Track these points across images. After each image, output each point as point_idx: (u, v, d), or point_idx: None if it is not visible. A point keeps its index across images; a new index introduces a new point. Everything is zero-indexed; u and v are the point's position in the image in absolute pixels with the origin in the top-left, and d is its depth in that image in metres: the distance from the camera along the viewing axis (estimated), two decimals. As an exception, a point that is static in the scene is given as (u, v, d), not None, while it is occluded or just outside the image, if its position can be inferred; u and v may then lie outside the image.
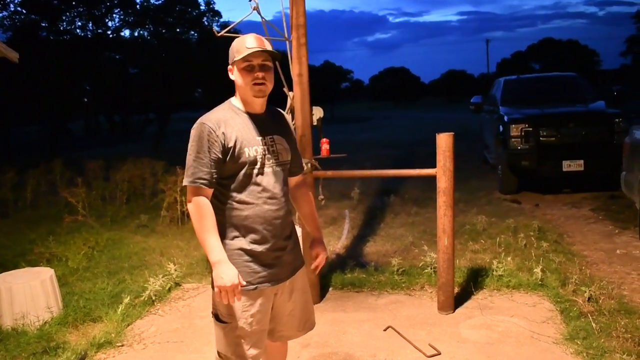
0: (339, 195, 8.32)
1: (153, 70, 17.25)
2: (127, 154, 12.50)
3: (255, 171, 2.13)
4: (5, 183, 8.78)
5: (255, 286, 2.16)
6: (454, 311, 3.87)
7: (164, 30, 18.70)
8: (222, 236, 2.15)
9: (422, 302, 4.12)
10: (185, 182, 2.12)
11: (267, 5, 3.36)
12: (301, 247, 2.51)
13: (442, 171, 3.61)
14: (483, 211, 7.02)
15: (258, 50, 2.08)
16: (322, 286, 4.33)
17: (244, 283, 2.08)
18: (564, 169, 7.76)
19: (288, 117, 2.47)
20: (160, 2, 18.28)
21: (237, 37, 2.23)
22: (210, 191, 2.12)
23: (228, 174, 2.13)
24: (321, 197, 4.12)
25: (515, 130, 8.01)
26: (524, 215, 6.94)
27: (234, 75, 2.17)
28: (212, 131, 2.08)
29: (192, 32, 19.14)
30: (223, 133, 2.08)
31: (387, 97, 63.04)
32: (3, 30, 16.63)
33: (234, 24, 3.05)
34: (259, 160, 2.13)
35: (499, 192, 8.46)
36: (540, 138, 7.90)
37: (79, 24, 17.58)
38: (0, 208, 8.36)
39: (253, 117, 2.18)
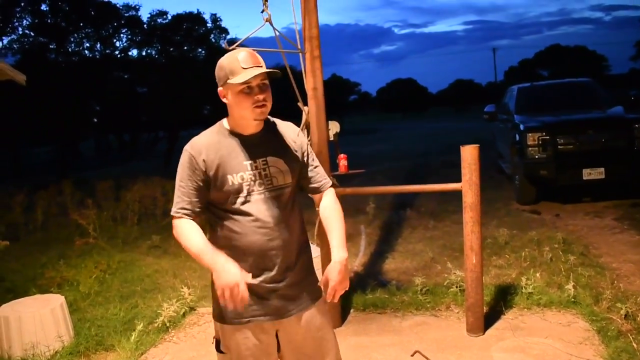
0: (353, 210, 8.14)
1: (161, 89, 17.24)
2: (137, 172, 12.43)
3: (241, 199, 1.95)
4: (15, 206, 8.70)
5: (247, 319, 1.99)
6: (483, 333, 3.66)
7: (171, 49, 18.74)
8: None
9: (449, 323, 3.91)
10: (171, 212, 2.00)
11: (277, 18, 3.23)
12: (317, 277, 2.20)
13: (468, 185, 3.43)
14: (503, 223, 6.82)
15: (257, 72, 1.88)
16: (343, 307, 4.15)
17: (250, 279, 1.87)
18: (584, 178, 7.54)
19: (292, 128, 2.18)
20: (167, 20, 18.36)
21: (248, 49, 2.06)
22: (194, 219, 1.98)
23: (216, 202, 1.99)
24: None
25: (532, 139, 7.81)
26: (545, 226, 6.73)
27: (229, 98, 1.95)
28: (193, 158, 1.94)
29: (200, 50, 19.17)
30: (204, 160, 1.93)
31: (395, 109, 63.00)
32: (12, 54, 16.75)
33: (245, 37, 2.92)
34: (245, 187, 1.95)
35: (516, 203, 8.24)
36: (558, 146, 7.69)
37: (87, 45, 17.66)
38: (10, 231, 8.25)
39: (244, 139, 1.99)
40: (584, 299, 4.04)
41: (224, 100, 1.98)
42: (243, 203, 1.95)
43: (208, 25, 18.65)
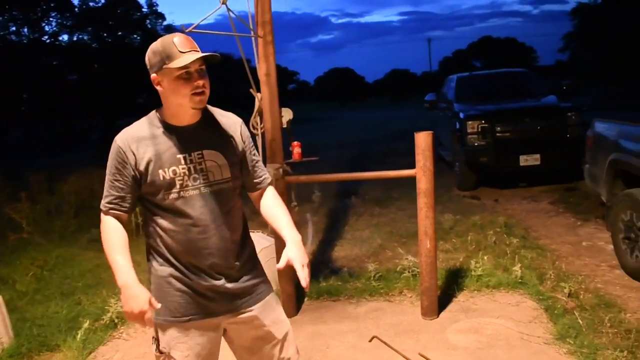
0: (298, 199, 8.09)
1: (94, 76, 16.57)
2: (70, 163, 11.92)
3: (173, 195, 1.84)
4: None
5: (188, 317, 1.92)
6: (438, 316, 3.74)
7: (105, 34, 18.00)
8: (153, 261, 1.96)
9: (403, 308, 3.97)
10: (102, 207, 1.90)
11: (230, 2, 3.09)
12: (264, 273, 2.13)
13: (422, 171, 3.47)
14: (446, 209, 6.99)
15: (197, 56, 1.76)
16: (297, 296, 4.12)
17: (157, 306, 1.78)
18: (521, 164, 7.82)
19: (233, 119, 2.04)
20: (100, 4, 17.60)
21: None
22: (124, 215, 1.90)
23: (148, 197, 1.88)
24: (294, 203, 3.93)
25: (472, 127, 8.02)
26: (486, 211, 6.94)
27: (163, 85, 1.81)
28: (122, 151, 1.83)
29: (135, 36, 18.52)
30: (133, 153, 1.82)
31: (333, 98, 63.35)
32: None
33: (202, 19, 2.82)
34: (178, 182, 1.84)
35: (457, 189, 8.46)
36: (497, 134, 7.93)
37: (13, 28, 16.67)
38: None
39: (178, 130, 1.86)
40: (530, 279, 4.19)
41: (158, 87, 1.84)
42: (176, 199, 1.85)
43: (144, 10, 18.09)
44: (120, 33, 18.27)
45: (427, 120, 12.37)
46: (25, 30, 17.05)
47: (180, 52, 1.75)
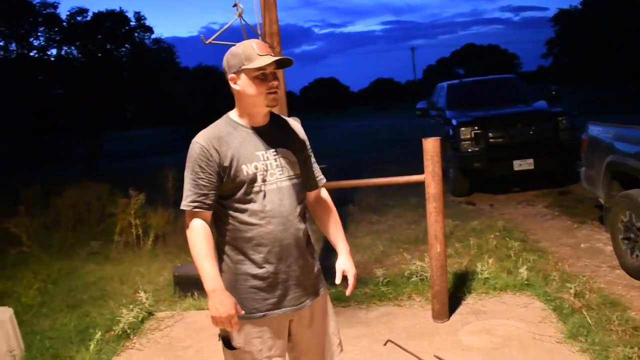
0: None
1: (80, 90, 16.47)
2: (59, 177, 11.84)
3: (256, 189, 1.96)
4: None
5: (263, 313, 2.00)
6: (449, 319, 3.80)
7: (93, 48, 17.94)
8: (227, 260, 2.01)
9: (414, 312, 4.02)
10: (181, 206, 1.96)
11: (234, 14, 3.19)
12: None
13: (431, 176, 3.54)
14: (444, 214, 7.06)
15: (275, 59, 1.93)
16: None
17: (242, 312, 1.93)
18: (515, 168, 7.95)
19: (296, 123, 2.25)
20: (87, 19, 17.55)
21: (228, 44, 2.06)
22: (207, 214, 1.96)
23: (227, 194, 1.97)
24: (304, 210, 3.96)
25: (464, 133, 8.14)
26: (484, 216, 7.04)
27: (241, 84, 1.96)
28: (205, 150, 1.92)
29: (123, 49, 18.48)
30: (217, 151, 1.92)
31: (318, 108, 63.54)
32: None
33: (221, 30, 2.87)
34: (260, 177, 1.96)
35: (451, 195, 8.55)
36: (490, 139, 8.06)
37: (1, 43, 16.54)
38: None
39: (254, 130, 2.01)
40: (536, 281, 4.28)
41: (235, 87, 1.98)
42: (257, 193, 1.95)
43: (132, 23, 18.04)
44: (108, 46, 18.21)
45: (412, 127, 12.51)
46: (14, 45, 16.97)
47: (259, 54, 1.91)
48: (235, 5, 3.04)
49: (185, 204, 1.94)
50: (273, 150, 2.01)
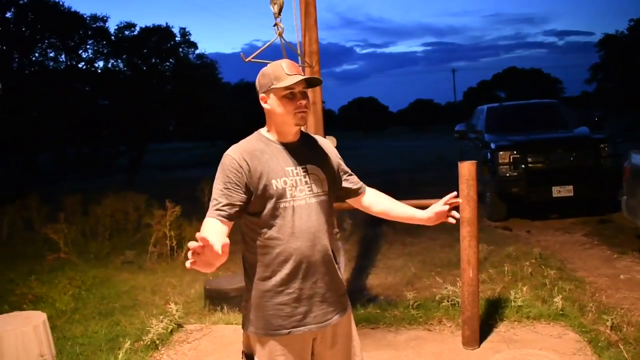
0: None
1: (125, 102, 16.93)
2: (101, 187, 12.13)
3: (284, 205, 1.95)
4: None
5: (288, 330, 1.98)
6: (479, 346, 3.71)
7: (139, 61, 18.47)
8: (254, 277, 2.00)
9: (443, 337, 3.95)
10: (207, 216, 1.93)
11: (273, 32, 3.22)
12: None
13: (466, 200, 3.49)
14: (479, 239, 6.93)
15: (301, 78, 1.95)
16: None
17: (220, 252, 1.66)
18: (554, 195, 7.78)
19: (327, 141, 2.28)
20: (135, 33, 18.10)
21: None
22: (225, 221, 1.91)
23: (256, 209, 1.97)
24: (336, 230, 3.95)
25: (503, 157, 8.02)
26: (520, 242, 6.89)
27: (270, 103, 2.00)
28: (235, 162, 1.93)
29: (167, 64, 18.96)
30: (248, 164, 1.93)
31: (356, 127, 63.59)
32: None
33: (261, 49, 2.91)
34: (288, 192, 1.96)
35: (488, 220, 8.41)
36: (529, 164, 7.93)
37: (52, 55, 17.22)
38: (-29, 247, 7.93)
39: (284, 146, 2.03)
40: (571, 311, 4.15)
41: (265, 106, 2.01)
42: (285, 208, 1.96)
43: (177, 39, 18.53)
44: (153, 60, 18.71)
45: (451, 150, 12.39)
46: (63, 56, 17.62)
47: (287, 74, 1.94)
48: (275, 24, 3.09)
49: (208, 214, 1.92)
50: (302, 167, 2.02)
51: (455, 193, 2.20)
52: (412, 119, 64.91)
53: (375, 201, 2.29)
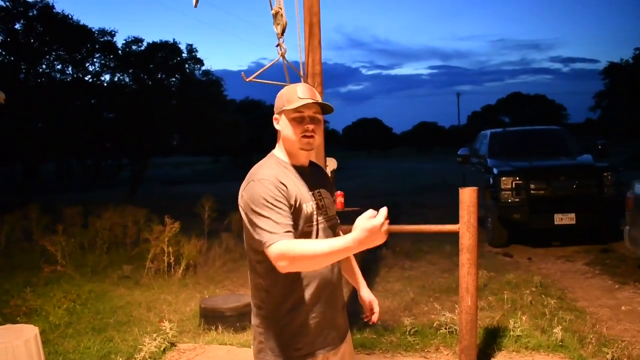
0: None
1: (129, 116, 17.01)
2: (102, 199, 12.12)
3: (310, 228, 1.95)
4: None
5: (311, 352, 1.96)
6: (476, 376, 3.64)
7: (145, 76, 18.57)
8: (273, 303, 1.93)
9: (439, 365, 3.88)
10: (268, 248, 1.75)
11: (276, 53, 3.22)
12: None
13: (466, 227, 3.45)
14: (479, 265, 6.85)
15: (311, 102, 1.93)
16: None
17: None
18: (556, 222, 7.73)
19: (322, 167, 2.30)
20: (142, 48, 18.23)
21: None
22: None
23: None
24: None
25: (505, 183, 7.99)
26: (520, 269, 6.83)
27: (281, 124, 1.99)
28: (275, 186, 1.84)
29: (173, 79, 19.07)
30: (285, 187, 1.88)
31: (360, 147, 63.73)
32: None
33: (262, 69, 2.91)
34: (314, 216, 1.96)
35: (489, 245, 8.35)
36: (531, 191, 7.89)
37: (59, 67, 17.32)
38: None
39: (300, 170, 2.01)
40: (570, 342, 4.08)
41: (277, 126, 2.01)
42: (311, 232, 1.95)
43: (183, 55, 18.65)
44: (159, 75, 18.82)
45: (455, 173, 12.37)
46: (70, 69, 17.73)
47: (299, 97, 1.93)
48: (278, 45, 3.09)
49: (275, 238, 1.75)
50: (317, 191, 2.03)
51: (372, 310, 2.34)
52: (416, 141, 65.02)
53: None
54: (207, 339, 4.54)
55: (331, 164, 3.88)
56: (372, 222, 1.58)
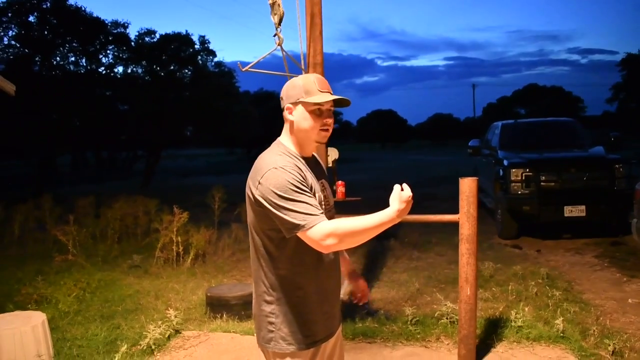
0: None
1: (144, 107, 17.11)
2: (115, 190, 12.25)
3: None
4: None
5: (314, 341, 1.98)
6: (475, 365, 3.66)
7: (157, 68, 18.67)
8: (286, 291, 1.94)
9: (440, 355, 3.90)
10: (309, 230, 1.77)
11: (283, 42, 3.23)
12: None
13: (466, 217, 3.46)
14: (486, 257, 6.87)
15: (335, 97, 1.94)
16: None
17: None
18: (566, 215, 7.66)
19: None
20: (155, 40, 18.31)
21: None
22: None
23: None
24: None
25: (515, 174, 7.93)
26: (528, 261, 6.80)
27: (296, 115, 1.94)
28: (296, 173, 1.85)
29: (185, 71, 19.14)
30: (302, 173, 1.89)
31: (374, 139, 63.45)
32: (-4, 63, 16.48)
33: (259, 58, 2.93)
34: (323, 204, 1.97)
35: (498, 237, 8.33)
36: (541, 183, 7.83)
37: (72, 59, 17.46)
38: (-16, 245, 8.05)
39: (306, 160, 2.01)
40: (572, 334, 4.07)
41: (289, 117, 1.96)
42: None
43: (196, 46, 18.69)
44: (172, 67, 18.90)
45: (468, 165, 12.30)
46: (84, 61, 17.87)
47: (319, 90, 1.92)
48: (275, 35, 3.10)
49: (311, 220, 1.78)
50: (320, 181, 2.05)
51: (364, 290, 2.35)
52: (431, 133, 64.59)
53: None
54: (211, 327, 4.60)
55: (332, 154, 3.90)
56: (406, 193, 1.74)
